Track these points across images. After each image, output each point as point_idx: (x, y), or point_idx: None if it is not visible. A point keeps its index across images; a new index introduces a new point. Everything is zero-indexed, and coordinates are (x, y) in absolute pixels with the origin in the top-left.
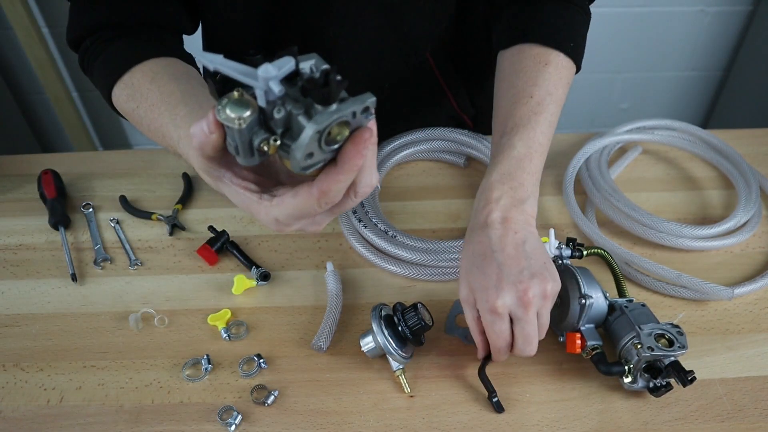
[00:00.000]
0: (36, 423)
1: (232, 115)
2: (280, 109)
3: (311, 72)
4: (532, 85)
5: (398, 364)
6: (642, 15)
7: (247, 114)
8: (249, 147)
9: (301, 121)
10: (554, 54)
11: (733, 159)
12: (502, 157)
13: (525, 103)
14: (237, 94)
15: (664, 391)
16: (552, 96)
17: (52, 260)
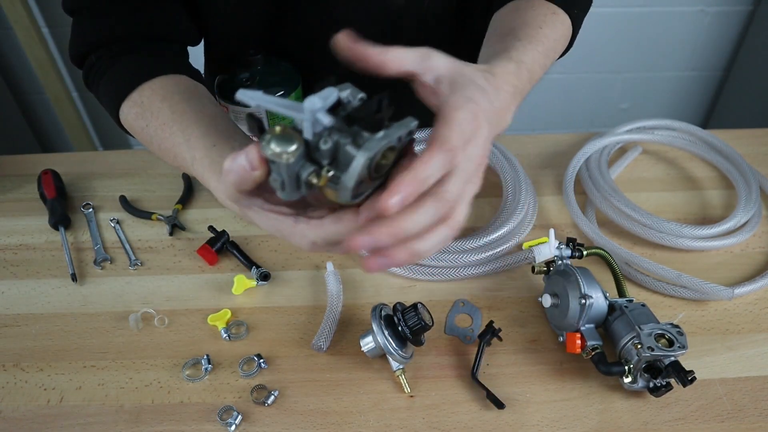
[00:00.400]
0: (36, 423)
1: (278, 149)
2: (326, 141)
3: (348, 101)
4: (541, 20)
5: (398, 364)
6: (642, 15)
7: (294, 148)
8: (296, 181)
9: (350, 150)
10: (560, 11)
11: (733, 159)
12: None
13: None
14: (279, 128)
15: (664, 391)
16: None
17: (52, 260)
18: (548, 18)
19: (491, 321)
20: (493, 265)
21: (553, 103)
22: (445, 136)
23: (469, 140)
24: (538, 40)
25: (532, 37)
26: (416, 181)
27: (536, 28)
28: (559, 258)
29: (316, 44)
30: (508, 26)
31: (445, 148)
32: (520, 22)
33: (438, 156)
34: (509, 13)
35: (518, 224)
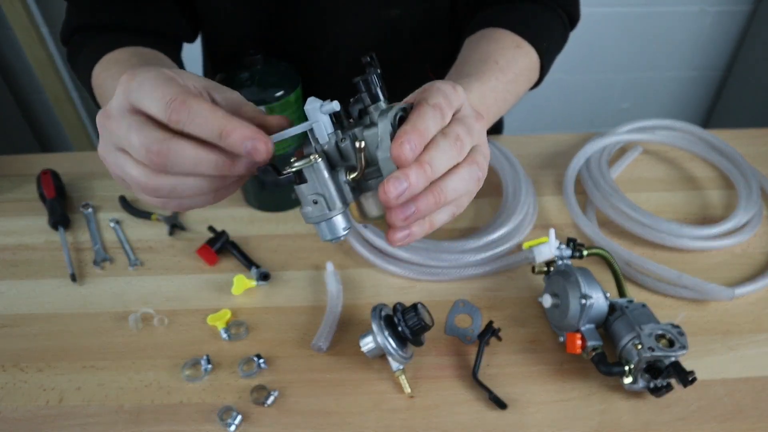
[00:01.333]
0: (35, 423)
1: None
2: (344, 138)
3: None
4: (499, 54)
5: (398, 364)
6: (642, 15)
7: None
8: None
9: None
10: (526, 45)
11: (733, 159)
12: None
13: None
14: (294, 159)
15: (664, 392)
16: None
17: (51, 260)
18: (508, 52)
19: (491, 321)
20: (493, 265)
21: (553, 103)
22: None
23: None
24: (491, 75)
25: (482, 73)
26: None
27: (492, 63)
28: (560, 258)
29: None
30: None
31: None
32: (477, 56)
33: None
34: (473, 45)
35: (518, 224)
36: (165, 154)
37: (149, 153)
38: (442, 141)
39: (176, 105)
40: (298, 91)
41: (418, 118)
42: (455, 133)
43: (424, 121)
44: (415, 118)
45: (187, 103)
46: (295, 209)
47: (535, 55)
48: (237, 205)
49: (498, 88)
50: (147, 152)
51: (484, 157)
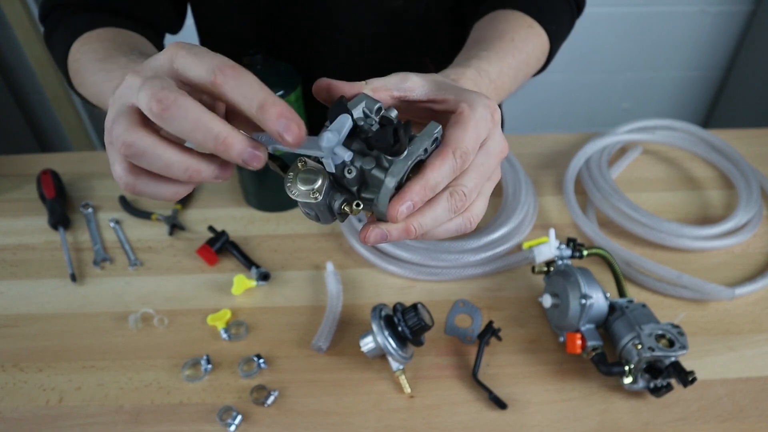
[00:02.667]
0: (35, 423)
1: (305, 188)
2: (350, 170)
3: (365, 115)
4: (514, 32)
5: (398, 364)
6: (642, 15)
7: (318, 184)
8: (329, 211)
9: (377, 174)
10: (537, 25)
11: (733, 159)
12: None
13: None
14: (300, 164)
15: (664, 392)
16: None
17: (51, 260)
18: (522, 30)
19: (491, 321)
20: (493, 265)
21: (553, 103)
22: (458, 138)
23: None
24: (507, 52)
25: (500, 49)
26: (426, 189)
27: (508, 40)
28: (560, 258)
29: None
30: (481, 37)
31: (458, 152)
32: (493, 33)
33: (449, 161)
34: (486, 24)
35: (518, 224)
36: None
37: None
38: (444, 202)
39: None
40: (298, 91)
41: (433, 171)
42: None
43: (439, 174)
44: (429, 172)
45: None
46: (295, 209)
47: (545, 37)
48: (237, 205)
49: (513, 65)
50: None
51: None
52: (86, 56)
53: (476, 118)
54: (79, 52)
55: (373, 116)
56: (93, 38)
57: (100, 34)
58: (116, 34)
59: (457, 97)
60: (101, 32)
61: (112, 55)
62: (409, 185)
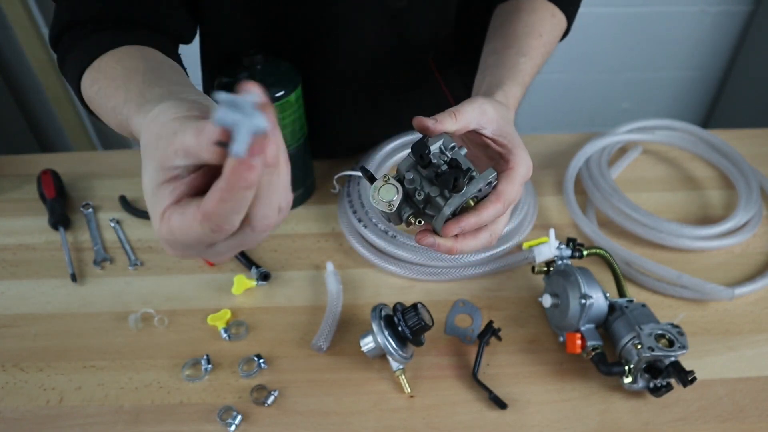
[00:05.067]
0: (35, 423)
1: (384, 200)
2: (420, 193)
3: (441, 151)
4: (541, 26)
5: (398, 364)
6: (642, 15)
7: (395, 198)
8: (398, 218)
9: (439, 201)
10: (558, 11)
11: (733, 159)
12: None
13: (536, 38)
14: (383, 180)
15: (664, 392)
16: (548, 47)
17: (51, 260)
18: (547, 22)
19: (490, 321)
20: (493, 265)
21: (553, 103)
22: (507, 192)
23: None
24: (537, 51)
25: (533, 50)
26: (477, 223)
27: (537, 36)
28: (559, 258)
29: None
30: (513, 31)
31: (507, 202)
32: (523, 29)
33: (499, 208)
34: (512, 14)
35: (518, 224)
36: None
37: None
38: (485, 237)
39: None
40: (298, 91)
41: (487, 212)
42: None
43: (489, 215)
44: (484, 211)
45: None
46: (295, 209)
47: (564, 20)
48: None
49: (539, 63)
50: None
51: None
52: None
53: (522, 175)
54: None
55: (447, 153)
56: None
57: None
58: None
59: (512, 147)
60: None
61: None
62: (466, 216)
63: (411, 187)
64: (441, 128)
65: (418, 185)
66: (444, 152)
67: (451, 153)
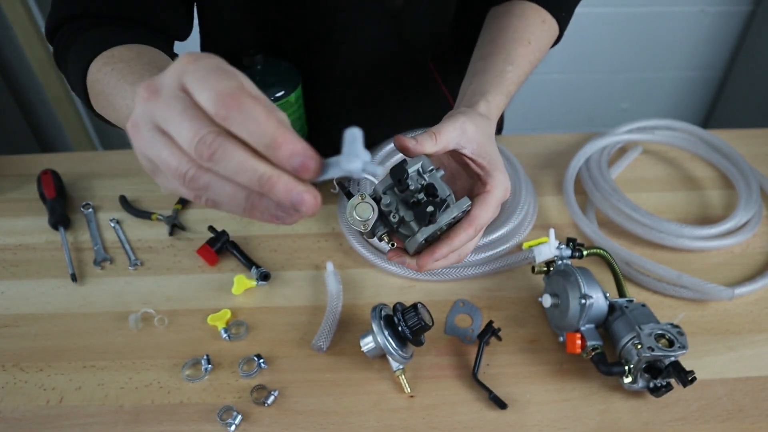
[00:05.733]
0: (36, 423)
1: (359, 219)
2: (395, 216)
3: (419, 174)
4: (530, 33)
5: (398, 364)
6: (642, 15)
7: (369, 218)
8: (371, 233)
9: (413, 226)
10: (549, 18)
11: (733, 159)
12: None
13: (524, 44)
14: (360, 197)
15: (664, 392)
16: (536, 54)
17: (51, 260)
18: (537, 29)
19: (490, 321)
20: (493, 265)
21: (553, 103)
22: (480, 217)
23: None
24: (525, 59)
25: (521, 57)
26: (450, 249)
27: (525, 44)
28: (559, 258)
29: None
30: (502, 37)
31: (479, 227)
32: (512, 35)
33: (471, 233)
34: (502, 18)
35: (518, 224)
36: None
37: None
38: (454, 258)
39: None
40: (298, 91)
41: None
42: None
43: (461, 241)
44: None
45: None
46: None
47: (556, 27)
48: None
49: (527, 71)
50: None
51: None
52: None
53: (497, 198)
54: (101, 72)
55: (425, 176)
56: (116, 58)
57: (123, 53)
58: (138, 52)
59: (491, 170)
60: (122, 51)
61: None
62: (439, 246)
63: (387, 209)
64: (421, 150)
65: (394, 208)
66: (422, 175)
67: (429, 176)
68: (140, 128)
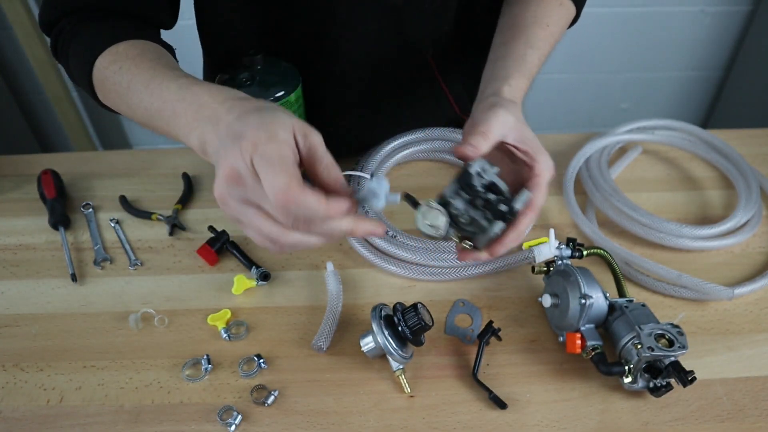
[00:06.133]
0: (36, 423)
1: (432, 224)
2: (466, 218)
3: (479, 175)
4: (548, 16)
5: (398, 364)
6: (642, 15)
7: (441, 224)
8: (445, 235)
9: (484, 225)
10: (566, 1)
11: (733, 159)
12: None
13: (543, 27)
14: (425, 206)
15: (664, 391)
16: (555, 36)
17: (52, 260)
18: (555, 12)
19: (490, 321)
20: (493, 265)
21: (553, 103)
22: (538, 200)
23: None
24: (545, 41)
25: (541, 41)
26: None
27: (544, 26)
28: (559, 258)
29: (317, 43)
30: (522, 22)
31: (538, 210)
32: (531, 19)
33: (532, 216)
34: (520, 4)
35: None
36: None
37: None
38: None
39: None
40: (298, 91)
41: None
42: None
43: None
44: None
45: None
46: None
47: (573, 8)
48: None
49: (546, 53)
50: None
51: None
52: (123, 77)
53: (547, 179)
54: (110, 71)
55: (484, 176)
56: (122, 56)
57: (127, 51)
58: (141, 49)
59: (534, 153)
60: (126, 48)
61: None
62: (508, 236)
63: (456, 212)
64: (479, 153)
65: (464, 211)
66: (481, 175)
67: (488, 175)
68: (228, 199)
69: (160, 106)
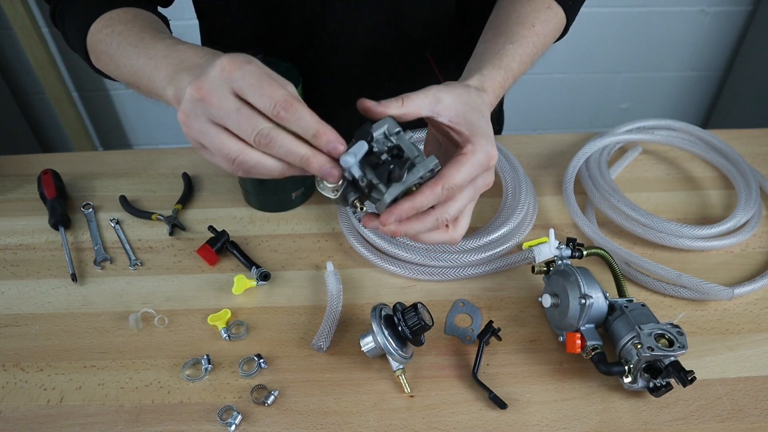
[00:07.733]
0: (36, 423)
1: (330, 186)
2: (363, 180)
3: (385, 137)
4: (534, 17)
5: (398, 364)
6: (642, 15)
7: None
8: (344, 201)
9: (381, 188)
10: (555, 5)
11: (733, 159)
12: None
13: (527, 27)
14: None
15: (664, 391)
16: (541, 37)
17: (52, 260)
18: (542, 14)
19: (490, 321)
20: (493, 265)
21: (553, 103)
22: (450, 175)
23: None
24: (529, 40)
25: (524, 38)
26: (412, 208)
27: (529, 26)
28: (559, 258)
29: (316, 42)
30: (505, 21)
31: (446, 186)
32: (515, 18)
33: (436, 192)
34: (507, 6)
35: (518, 224)
36: (272, 139)
37: (259, 136)
38: (430, 219)
39: (285, 105)
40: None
41: (421, 197)
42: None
43: (425, 200)
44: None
45: (293, 106)
46: (295, 209)
47: (562, 14)
48: (237, 205)
49: (531, 53)
50: (257, 135)
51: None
52: (114, 39)
53: (473, 161)
54: (102, 33)
55: (391, 138)
56: (114, 21)
57: (120, 16)
58: (134, 14)
59: (470, 135)
60: (120, 14)
61: (144, 39)
62: (401, 203)
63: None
64: (383, 111)
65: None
66: (388, 137)
67: (396, 139)
68: (192, 119)
69: (144, 62)
